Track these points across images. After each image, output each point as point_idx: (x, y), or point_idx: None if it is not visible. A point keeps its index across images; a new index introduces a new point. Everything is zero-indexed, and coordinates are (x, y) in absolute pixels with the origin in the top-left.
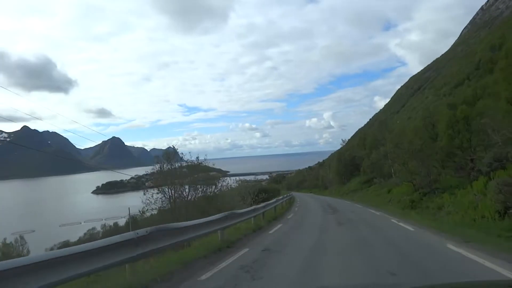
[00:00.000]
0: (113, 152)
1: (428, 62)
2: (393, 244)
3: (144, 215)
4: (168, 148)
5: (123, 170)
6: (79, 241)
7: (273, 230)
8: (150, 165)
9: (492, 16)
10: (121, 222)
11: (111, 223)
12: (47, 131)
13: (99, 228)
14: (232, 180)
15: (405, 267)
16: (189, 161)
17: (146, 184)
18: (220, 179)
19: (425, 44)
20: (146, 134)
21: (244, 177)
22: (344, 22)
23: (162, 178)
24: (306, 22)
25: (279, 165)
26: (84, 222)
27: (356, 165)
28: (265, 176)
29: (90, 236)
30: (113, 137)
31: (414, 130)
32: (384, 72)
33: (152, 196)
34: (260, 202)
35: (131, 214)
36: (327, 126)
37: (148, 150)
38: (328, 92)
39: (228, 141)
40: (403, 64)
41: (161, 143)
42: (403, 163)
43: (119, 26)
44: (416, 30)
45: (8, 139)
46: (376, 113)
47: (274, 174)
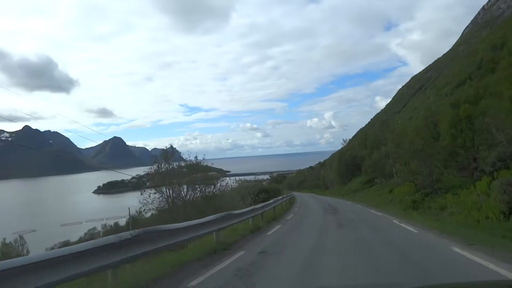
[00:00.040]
0: (114, 152)
1: (430, 62)
2: (394, 245)
3: (142, 215)
4: (167, 148)
5: (124, 170)
6: (80, 241)
7: (271, 231)
8: (151, 165)
9: (493, 15)
10: (122, 222)
11: (112, 223)
12: (49, 130)
13: (99, 228)
14: (232, 180)
15: (406, 269)
16: (187, 161)
17: (147, 184)
18: (219, 179)
19: (427, 43)
20: (147, 134)
21: (244, 177)
22: (346, 22)
23: (160, 178)
24: (307, 21)
25: (280, 165)
26: (85, 222)
27: (357, 165)
28: (266, 176)
29: (90, 236)
30: (115, 137)
31: (416, 130)
32: (386, 72)
33: (150, 196)
34: (260, 202)
35: (132, 214)
36: (328, 126)
37: (149, 150)
38: (329, 92)
39: (229, 141)
40: (405, 64)
41: (162, 143)
42: (404, 163)
43: (120, 26)
44: (417, 30)
45: (10, 139)
46: (377, 113)
47: (275, 174)
